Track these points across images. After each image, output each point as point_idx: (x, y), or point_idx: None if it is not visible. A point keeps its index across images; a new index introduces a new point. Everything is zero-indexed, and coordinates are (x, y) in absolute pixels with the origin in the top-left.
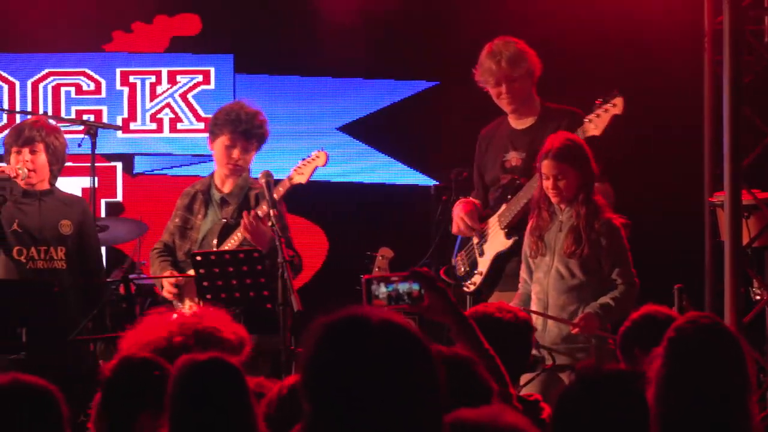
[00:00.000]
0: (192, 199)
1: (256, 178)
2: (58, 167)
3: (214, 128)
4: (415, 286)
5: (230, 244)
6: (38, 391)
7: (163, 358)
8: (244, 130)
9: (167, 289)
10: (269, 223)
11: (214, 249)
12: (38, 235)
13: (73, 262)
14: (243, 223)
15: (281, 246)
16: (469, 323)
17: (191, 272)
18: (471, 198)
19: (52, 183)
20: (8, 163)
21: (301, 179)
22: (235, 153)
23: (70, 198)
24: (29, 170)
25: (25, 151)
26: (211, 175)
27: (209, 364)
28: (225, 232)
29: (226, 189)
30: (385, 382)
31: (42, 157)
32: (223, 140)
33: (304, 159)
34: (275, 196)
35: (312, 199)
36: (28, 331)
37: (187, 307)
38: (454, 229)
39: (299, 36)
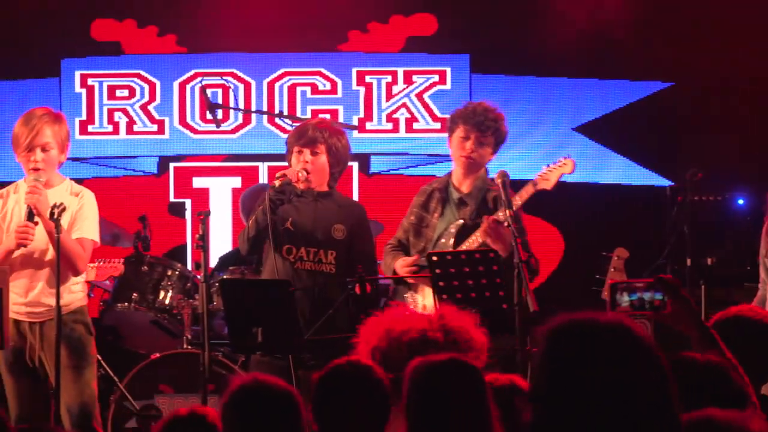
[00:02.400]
0: (428, 197)
1: (493, 179)
2: (339, 170)
3: (450, 124)
4: (658, 295)
5: (467, 245)
6: (279, 392)
7: (410, 351)
8: (477, 121)
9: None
10: (505, 224)
11: (451, 249)
12: (310, 236)
13: (342, 267)
14: (483, 227)
15: (517, 246)
16: (711, 333)
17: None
18: None
19: (331, 185)
20: (289, 161)
21: (546, 185)
22: (468, 144)
23: (348, 202)
24: (308, 171)
25: (307, 151)
26: (449, 174)
27: (448, 365)
28: (462, 233)
29: (465, 189)
30: (615, 385)
31: (322, 159)
32: (458, 133)
33: (549, 165)
34: (519, 200)
35: (548, 199)
36: (264, 330)
37: (420, 305)
38: None
39: (535, 36)
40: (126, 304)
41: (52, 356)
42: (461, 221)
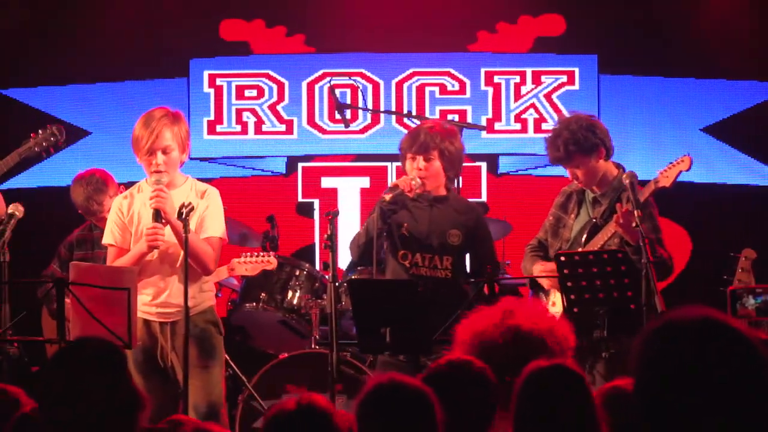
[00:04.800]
0: (567, 198)
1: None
2: (454, 172)
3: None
4: None
5: (600, 236)
6: (415, 392)
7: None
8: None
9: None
10: (633, 224)
11: (581, 248)
12: (425, 241)
13: (458, 273)
14: (615, 216)
15: (645, 246)
16: None
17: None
18: None
19: (448, 188)
20: (404, 167)
21: (665, 183)
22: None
23: (465, 205)
24: (422, 178)
25: (420, 158)
26: None
27: (553, 371)
28: (593, 232)
29: (600, 189)
30: (725, 386)
31: (436, 164)
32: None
33: (670, 163)
34: (640, 198)
35: (676, 200)
36: (392, 330)
37: (550, 303)
38: None
39: (662, 36)
40: (254, 303)
41: (182, 356)
42: (594, 220)
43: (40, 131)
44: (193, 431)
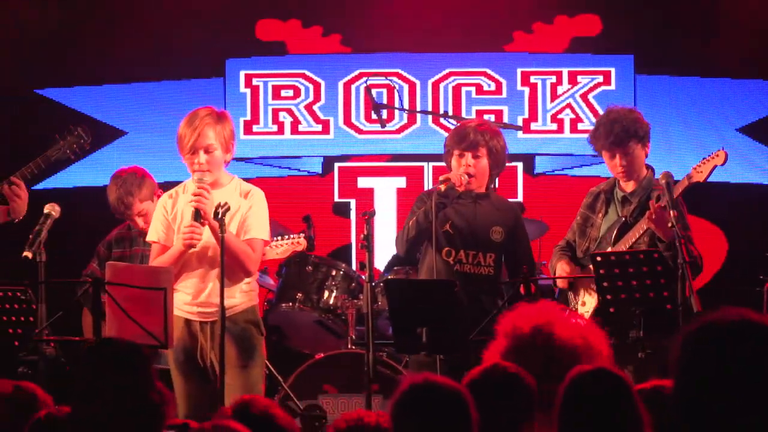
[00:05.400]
0: (595, 198)
1: (658, 179)
2: (497, 171)
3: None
4: None
5: (631, 234)
6: (450, 392)
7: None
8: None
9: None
10: (668, 224)
11: (610, 247)
12: (469, 238)
13: (500, 269)
14: (648, 212)
15: (681, 246)
16: None
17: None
18: None
19: (488, 186)
20: (448, 164)
21: (699, 177)
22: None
23: (504, 203)
24: (470, 175)
25: (468, 155)
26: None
27: (597, 374)
28: (622, 230)
29: (629, 188)
30: (763, 387)
31: (484, 162)
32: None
33: (704, 158)
34: (674, 194)
35: (712, 199)
36: (429, 330)
37: (580, 302)
38: None
39: (698, 36)
40: (290, 304)
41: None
42: (623, 219)
43: (66, 134)
44: None
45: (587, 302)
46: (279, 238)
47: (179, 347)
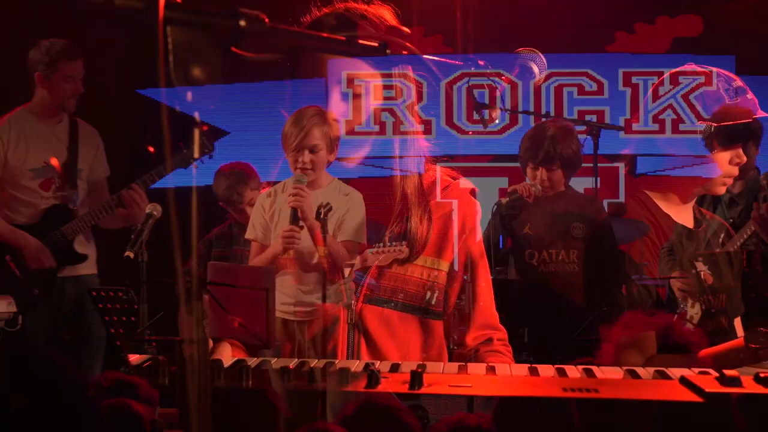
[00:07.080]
0: (701, 199)
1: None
2: (572, 172)
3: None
4: None
5: (738, 236)
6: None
7: None
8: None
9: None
10: None
11: (718, 249)
12: (550, 237)
13: (589, 264)
14: (753, 215)
15: None
16: None
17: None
18: None
19: (566, 184)
20: (524, 172)
21: None
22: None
23: (584, 199)
24: (545, 187)
25: (542, 170)
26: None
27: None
28: (730, 233)
29: (736, 189)
30: None
31: (558, 173)
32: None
33: None
34: None
35: None
36: (530, 331)
37: (690, 307)
38: None
39: None
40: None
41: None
42: (731, 220)
43: (192, 142)
44: None
45: (695, 308)
46: (380, 245)
47: (277, 348)
